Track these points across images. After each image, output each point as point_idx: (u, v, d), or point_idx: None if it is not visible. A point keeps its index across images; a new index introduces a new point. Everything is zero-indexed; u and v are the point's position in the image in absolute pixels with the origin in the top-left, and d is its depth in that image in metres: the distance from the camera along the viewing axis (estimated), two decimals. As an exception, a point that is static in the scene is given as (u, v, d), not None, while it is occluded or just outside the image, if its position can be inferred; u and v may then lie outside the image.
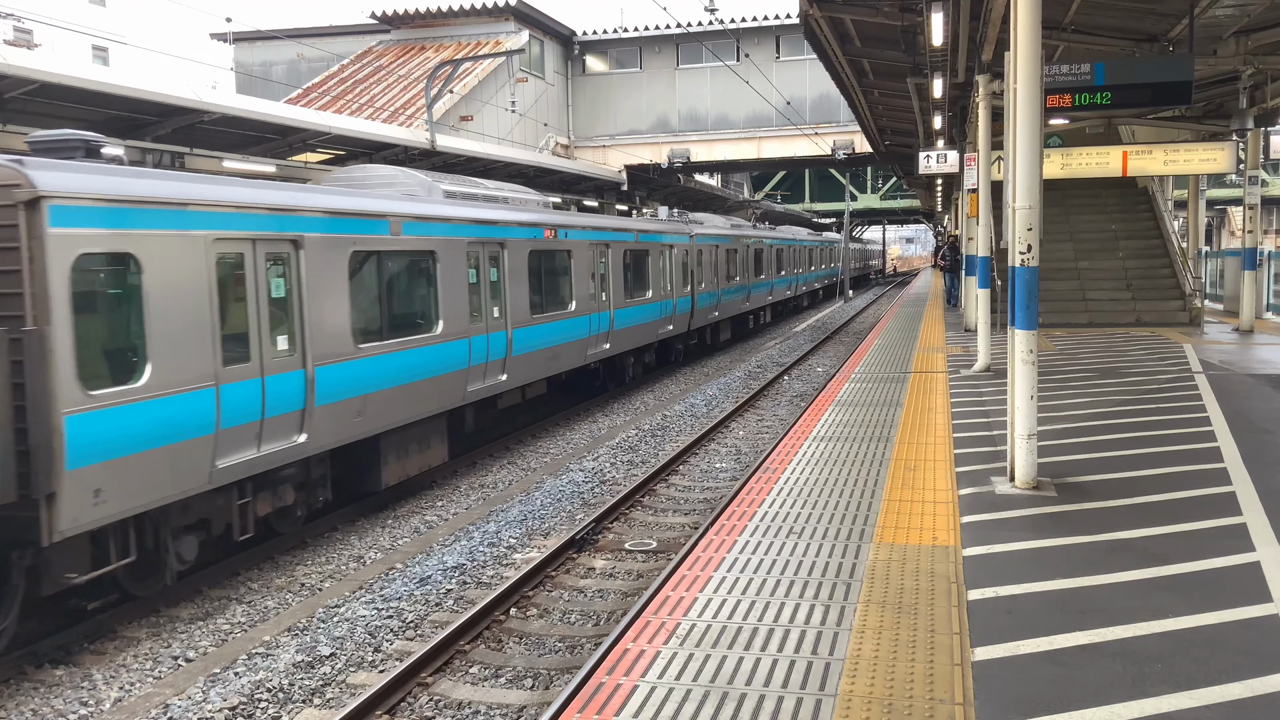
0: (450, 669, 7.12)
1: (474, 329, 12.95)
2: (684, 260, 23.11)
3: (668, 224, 23.59)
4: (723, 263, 26.64)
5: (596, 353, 17.56)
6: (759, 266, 31.73)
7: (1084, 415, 10.33)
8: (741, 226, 30.82)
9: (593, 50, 32.60)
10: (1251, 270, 18.14)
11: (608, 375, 19.32)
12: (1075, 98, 9.65)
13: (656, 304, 20.82)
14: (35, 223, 6.91)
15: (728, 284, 27.19)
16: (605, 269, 18.06)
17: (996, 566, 5.90)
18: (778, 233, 37.05)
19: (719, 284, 26.20)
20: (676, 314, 22.15)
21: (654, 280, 20.78)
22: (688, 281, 23.37)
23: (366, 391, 10.57)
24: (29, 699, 6.95)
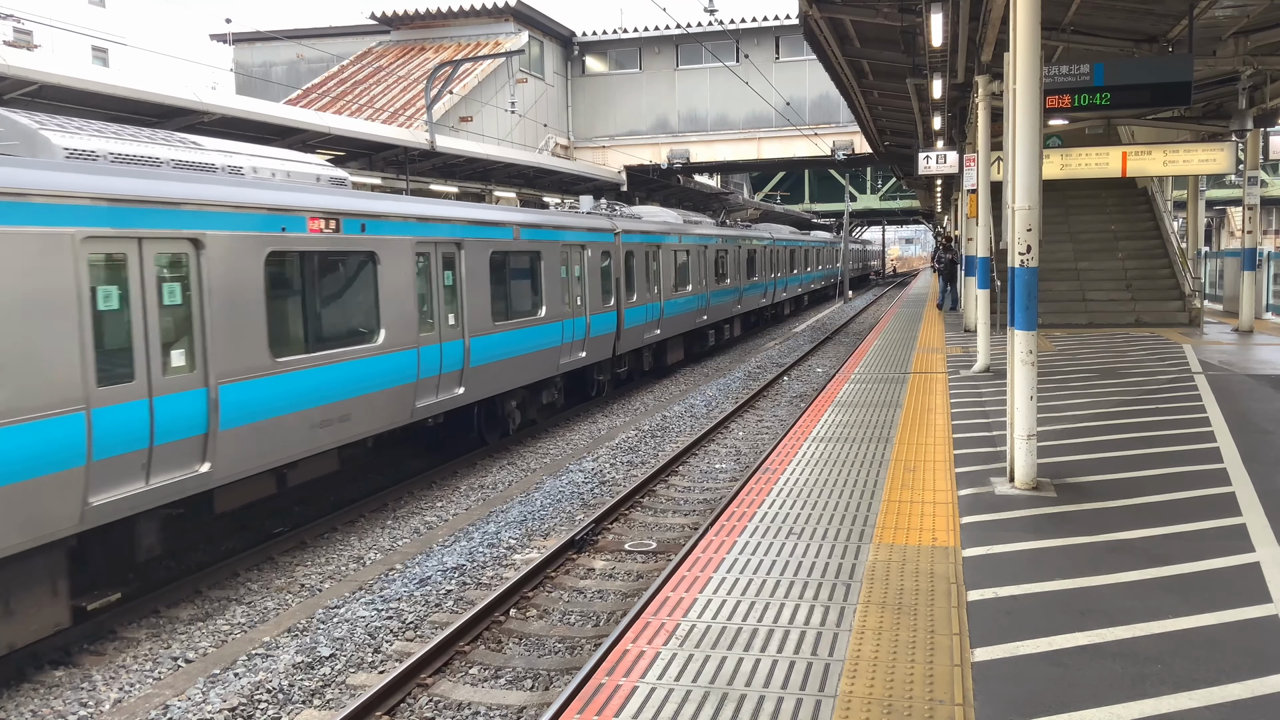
0: (450, 670, 7.12)
1: None
2: (604, 265, 18.07)
3: (577, 218, 17.63)
4: (668, 267, 21.88)
5: (431, 404, 12.02)
6: (722, 271, 27.16)
7: (1084, 416, 10.33)
8: (701, 224, 26.53)
9: (592, 51, 32.62)
10: (1251, 271, 18.15)
11: (483, 423, 14.27)
12: (1075, 98, 9.65)
13: (555, 324, 15.58)
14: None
15: (675, 294, 22.30)
16: (455, 279, 12.71)
17: (996, 567, 5.90)
18: (753, 231, 32.33)
19: (661, 294, 21.16)
20: (591, 336, 17.17)
21: (549, 293, 15.49)
22: (612, 292, 18.36)
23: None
24: (28, 700, 6.94)
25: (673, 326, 22.19)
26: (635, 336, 19.50)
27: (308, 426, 9.68)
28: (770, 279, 33.95)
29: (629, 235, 19.27)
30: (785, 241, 37.56)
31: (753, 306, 31.46)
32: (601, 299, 17.58)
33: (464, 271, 12.80)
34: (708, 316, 25.31)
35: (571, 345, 16.33)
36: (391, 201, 11.81)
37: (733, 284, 28.08)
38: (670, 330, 21.95)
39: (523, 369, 14.43)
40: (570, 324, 16.24)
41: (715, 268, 26.06)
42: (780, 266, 36.19)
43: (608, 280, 18.09)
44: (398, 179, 20.22)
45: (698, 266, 24.29)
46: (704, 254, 24.98)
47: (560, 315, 15.80)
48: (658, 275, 20.94)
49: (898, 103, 20.92)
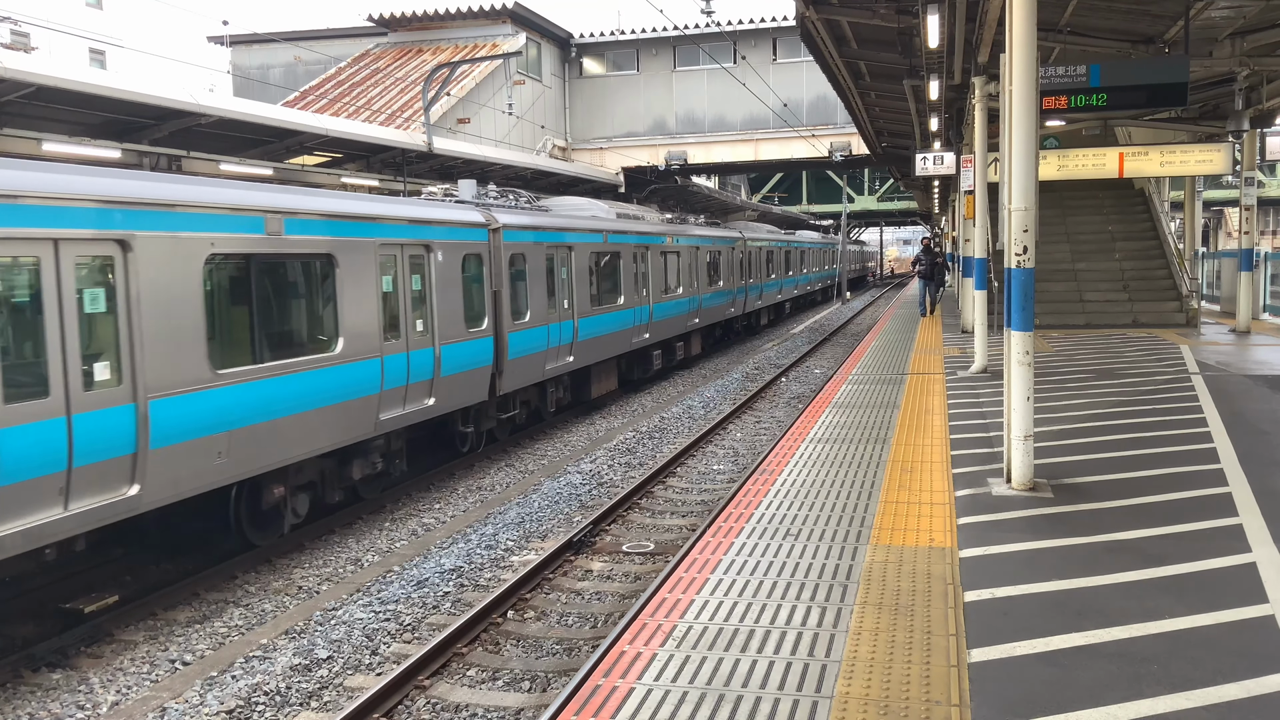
0: (448, 672, 7.11)
1: None
2: (470, 274, 13.05)
3: (411, 206, 12.39)
4: (585, 274, 16.96)
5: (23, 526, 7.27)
6: (673, 277, 22.63)
7: (1081, 416, 10.34)
8: (643, 219, 22.00)
9: (590, 53, 32.63)
10: (1248, 271, 18.17)
11: (241, 518, 9.69)
12: (1071, 99, 9.65)
13: (362, 364, 10.60)
14: None
15: (599, 308, 17.74)
16: (118, 303, 7.88)
17: (993, 568, 5.90)
18: (719, 230, 27.73)
19: (575, 310, 16.53)
20: (444, 376, 12.15)
21: (349, 317, 10.44)
22: (486, 311, 13.38)
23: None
24: (25, 703, 6.94)
25: (595, 351, 17.49)
26: (530, 368, 14.65)
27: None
28: (740, 285, 29.58)
29: (517, 232, 14.38)
30: (762, 241, 33.29)
31: (717, 319, 26.96)
32: (465, 321, 12.60)
33: (133, 291, 7.87)
34: (650, 335, 20.53)
35: (402, 392, 11.24)
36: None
37: (688, 293, 23.57)
38: (591, 356, 17.30)
39: (296, 435, 9.56)
40: (398, 361, 11.16)
41: (663, 273, 21.81)
42: (755, 270, 31.90)
43: (477, 294, 13.12)
44: (395, 181, 20.13)
45: (636, 272, 19.84)
46: (645, 256, 20.54)
47: (369, 351, 10.65)
48: (569, 285, 16.29)
49: (895, 104, 20.92)
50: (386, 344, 11.09)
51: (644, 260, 20.52)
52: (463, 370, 12.67)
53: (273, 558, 9.91)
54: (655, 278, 21.14)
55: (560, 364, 15.95)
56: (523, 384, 14.59)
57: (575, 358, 16.53)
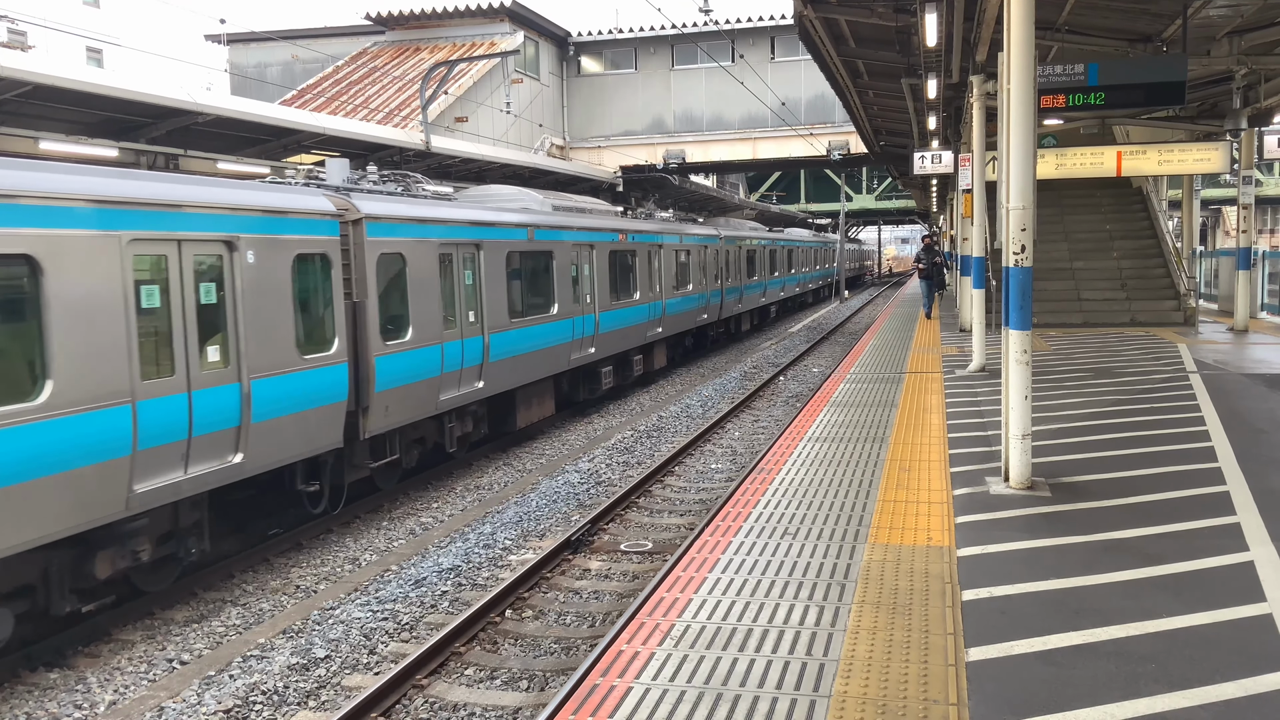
0: (445, 671, 7.11)
1: None
2: (311, 282, 10.12)
3: (209, 188, 8.98)
4: (497, 278, 13.72)
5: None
6: (626, 280, 19.63)
7: (1079, 415, 10.35)
8: (590, 213, 18.79)
9: (588, 51, 32.62)
10: (1245, 270, 18.18)
11: None
12: (1069, 98, 9.67)
13: (91, 416, 7.40)
14: None
15: (522, 320, 14.54)
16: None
17: (991, 567, 5.90)
18: (689, 226, 24.81)
19: (486, 323, 13.39)
20: (257, 422, 9.11)
21: (71, 352, 7.25)
22: (335, 332, 10.33)
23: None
24: (23, 702, 6.93)
25: (519, 372, 14.41)
26: (415, 400, 11.59)
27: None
28: (715, 288, 26.73)
29: (392, 226, 11.28)
30: (744, 240, 30.65)
31: (686, 327, 24.12)
32: (298, 344, 9.59)
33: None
34: (597, 349, 17.69)
35: (180, 449, 8.19)
36: None
37: (648, 298, 20.69)
38: (513, 378, 14.24)
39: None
40: (171, 407, 8.10)
41: (615, 276, 18.93)
42: (735, 272, 29.13)
43: (322, 307, 10.12)
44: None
45: (576, 274, 16.96)
46: (589, 256, 17.54)
47: (111, 394, 7.51)
48: (478, 292, 13.26)
49: (893, 103, 20.93)
50: (148, 384, 7.85)
51: (588, 261, 17.52)
52: (293, 411, 9.42)
53: (270, 557, 9.91)
54: (602, 281, 18.01)
55: (466, 391, 12.83)
56: (405, 420, 11.45)
57: (488, 382, 13.40)
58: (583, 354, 17.18)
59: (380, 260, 11.08)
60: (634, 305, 19.80)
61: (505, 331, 13.94)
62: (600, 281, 17.92)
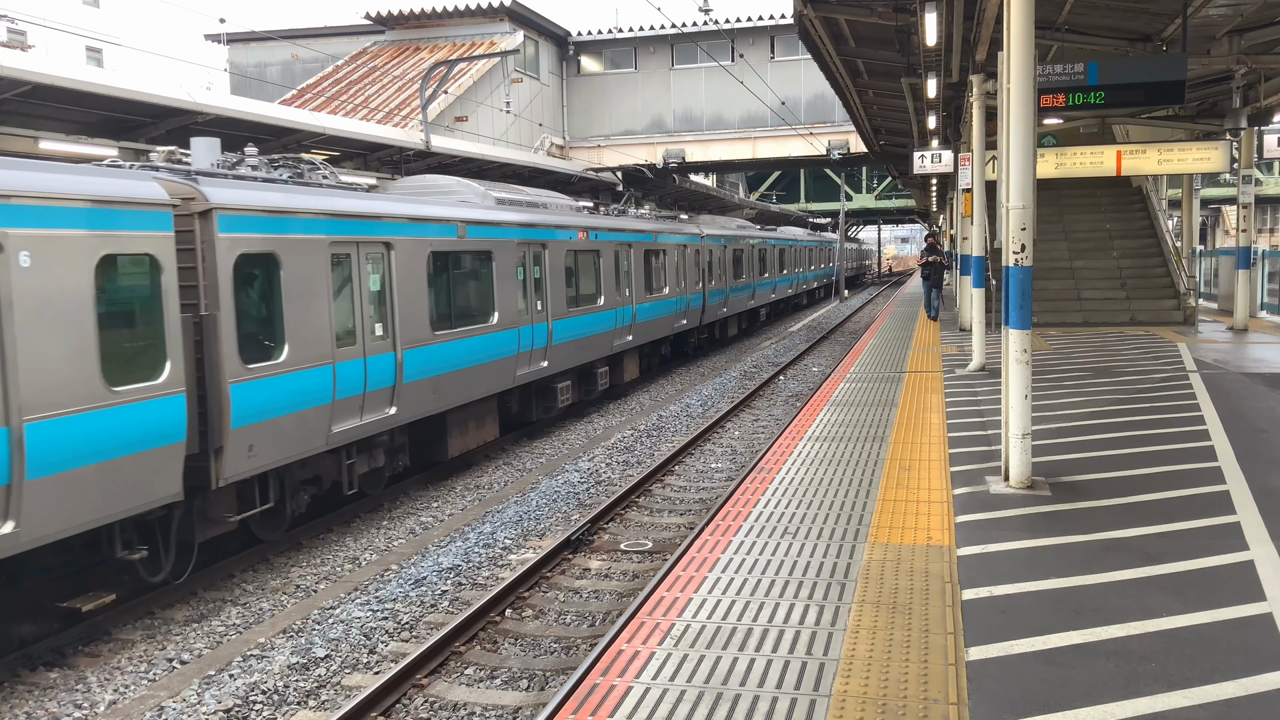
0: (445, 670, 7.11)
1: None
2: (134, 293, 8.08)
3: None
4: (411, 285, 11.62)
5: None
6: (585, 283, 17.35)
7: (1078, 414, 10.35)
8: (545, 208, 16.48)
9: (587, 51, 32.61)
10: (1245, 269, 18.18)
11: None
12: (1069, 97, 9.67)
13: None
14: None
15: (448, 332, 12.40)
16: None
17: (991, 566, 5.90)
18: (656, 223, 22.31)
19: (398, 338, 11.27)
20: (32, 480, 6.93)
21: None
22: (165, 356, 8.12)
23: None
24: (23, 702, 6.93)
25: (446, 393, 12.29)
26: (294, 434, 9.53)
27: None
28: (696, 291, 24.88)
29: (258, 220, 9.19)
30: (730, 239, 28.71)
31: (660, 334, 22.01)
32: (114, 373, 7.62)
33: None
34: (551, 362, 15.58)
35: None
36: None
37: (615, 303, 18.64)
38: (437, 400, 12.10)
39: None
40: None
41: (573, 278, 16.83)
42: (719, 273, 27.34)
43: (147, 323, 8.06)
44: (392, 180, 20.01)
45: (525, 278, 14.77)
46: (541, 256, 15.37)
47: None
48: (388, 300, 11.20)
49: (893, 102, 20.93)
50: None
51: (539, 262, 15.35)
52: (97, 460, 7.39)
53: (270, 556, 9.91)
54: (557, 285, 15.90)
55: (373, 419, 10.77)
56: (281, 460, 9.40)
57: (404, 407, 11.30)
58: (533, 369, 15.01)
59: (241, 262, 8.93)
60: (597, 311, 17.70)
61: (427, 346, 11.82)
62: (554, 285, 15.78)
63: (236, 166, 10.18)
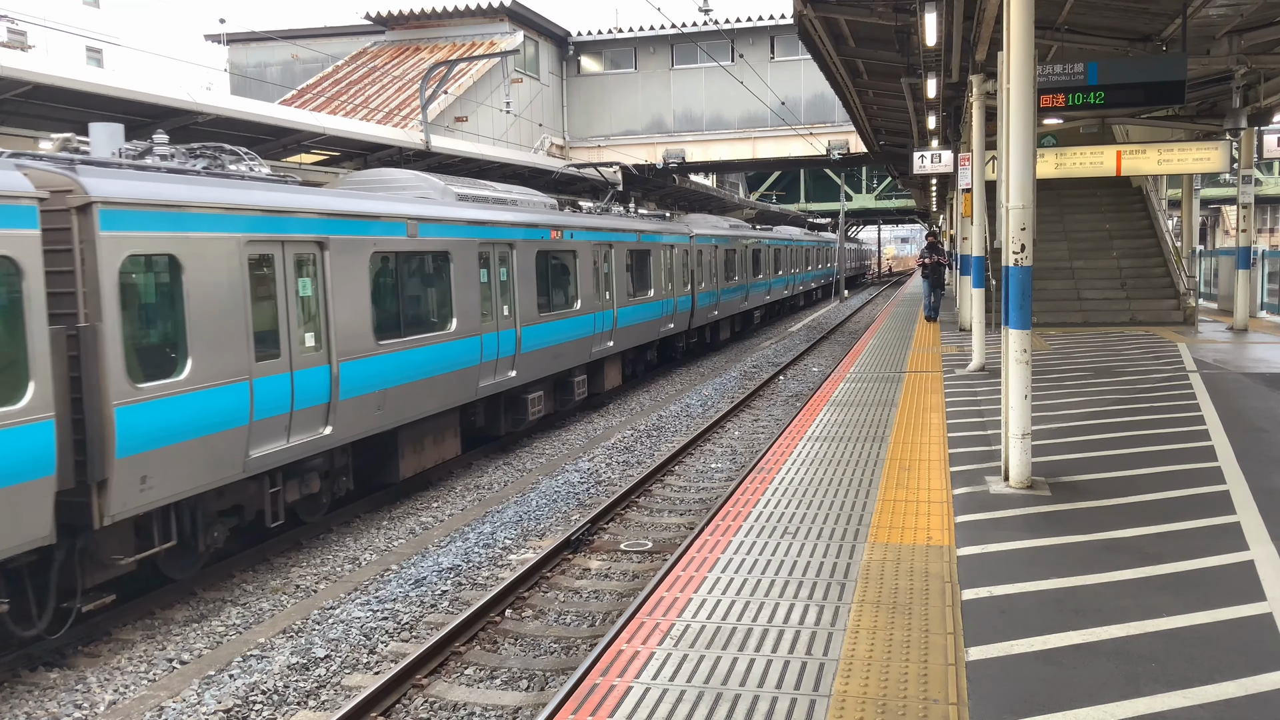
0: (445, 670, 7.11)
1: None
2: None
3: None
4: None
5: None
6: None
7: (1078, 414, 10.35)
8: (497, 205, 14.64)
9: (587, 51, 32.63)
10: (1245, 269, 18.18)
11: None
12: (1069, 97, 9.67)
13: None
14: None
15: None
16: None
17: (991, 566, 5.90)
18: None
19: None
20: None
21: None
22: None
23: None
24: (23, 702, 6.93)
25: (388, 409, 10.93)
26: (209, 460, 8.44)
27: None
28: (683, 294, 23.38)
29: (150, 215, 7.95)
30: (722, 239, 27.26)
31: (644, 339, 20.76)
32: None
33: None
34: (520, 371, 14.24)
35: None
36: None
37: (593, 307, 17.29)
38: (384, 417, 10.87)
39: None
40: None
41: (545, 281, 15.39)
42: (710, 274, 25.91)
43: (5, 342, 6.90)
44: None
45: (490, 280, 13.52)
46: (509, 257, 14.07)
47: None
48: (321, 306, 9.91)
49: (893, 102, 20.94)
50: None
51: (506, 263, 14.00)
52: None
53: (270, 556, 9.91)
54: (526, 288, 14.57)
55: (302, 441, 9.53)
56: (185, 491, 8.23)
57: (341, 425, 10.05)
58: (499, 379, 13.73)
59: (129, 264, 7.77)
60: (574, 316, 16.41)
61: (370, 358, 10.63)
62: (524, 288, 14.48)
63: (144, 156, 9.05)
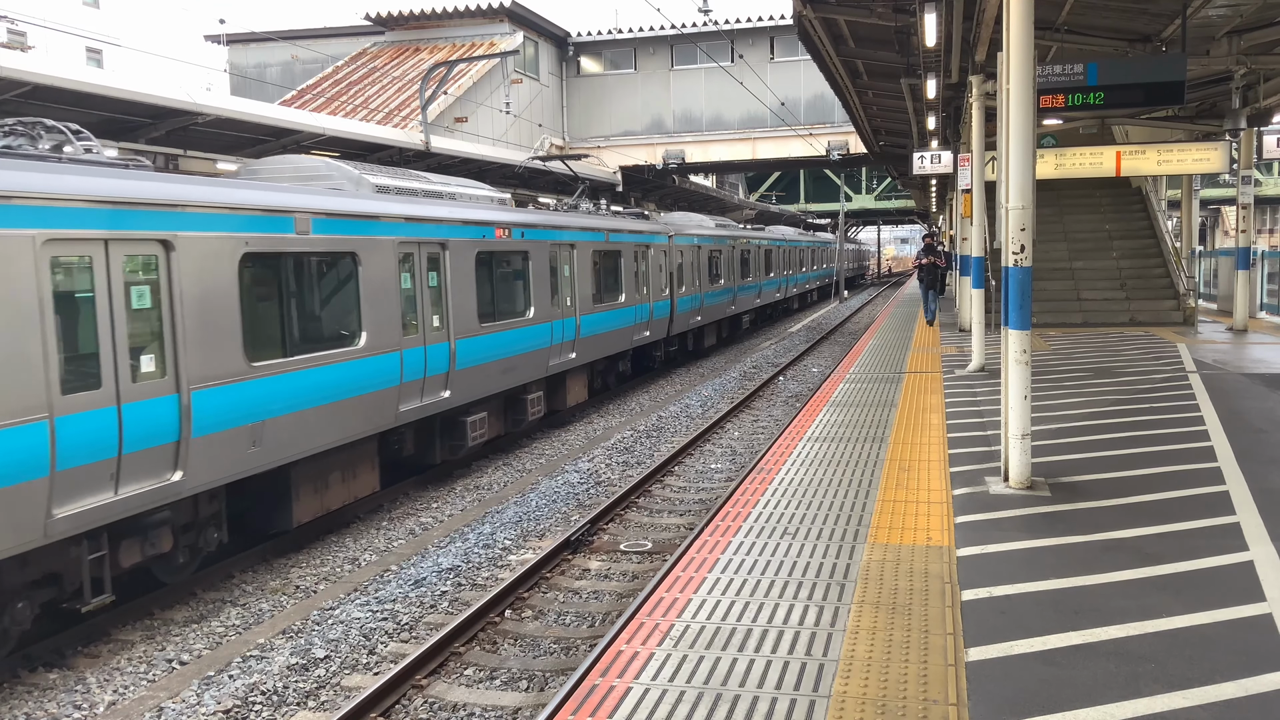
0: (445, 671, 7.11)
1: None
2: None
3: None
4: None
5: None
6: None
7: (1078, 415, 10.35)
8: (396, 194, 11.94)
9: (587, 51, 32.63)
10: (1245, 270, 18.19)
11: None
12: (1068, 98, 9.67)
13: None
14: None
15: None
16: None
17: (990, 567, 5.90)
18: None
19: (183, 378, 8.05)
20: None
21: None
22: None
23: None
24: (23, 702, 6.93)
25: (268, 445, 9.09)
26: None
27: None
28: (661, 299, 21.41)
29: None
30: (705, 239, 25.08)
31: (615, 348, 18.69)
32: None
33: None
34: (454, 391, 12.29)
35: None
36: None
37: (544, 315, 15.10)
38: (256, 456, 8.98)
39: None
40: None
41: (484, 287, 13.25)
42: (693, 278, 23.95)
43: None
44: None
45: (401, 287, 11.31)
46: (441, 260, 12.09)
47: None
48: (163, 322, 8.05)
49: (892, 103, 20.94)
50: None
51: (438, 265, 11.96)
52: None
53: (270, 557, 9.91)
54: (463, 294, 12.44)
55: (136, 491, 7.65)
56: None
57: (196, 469, 8.23)
58: (427, 401, 11.67)
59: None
60: (526, 325, 14.43)
61: (239, 382, 8.67)
62: (459, 295, 12.36)
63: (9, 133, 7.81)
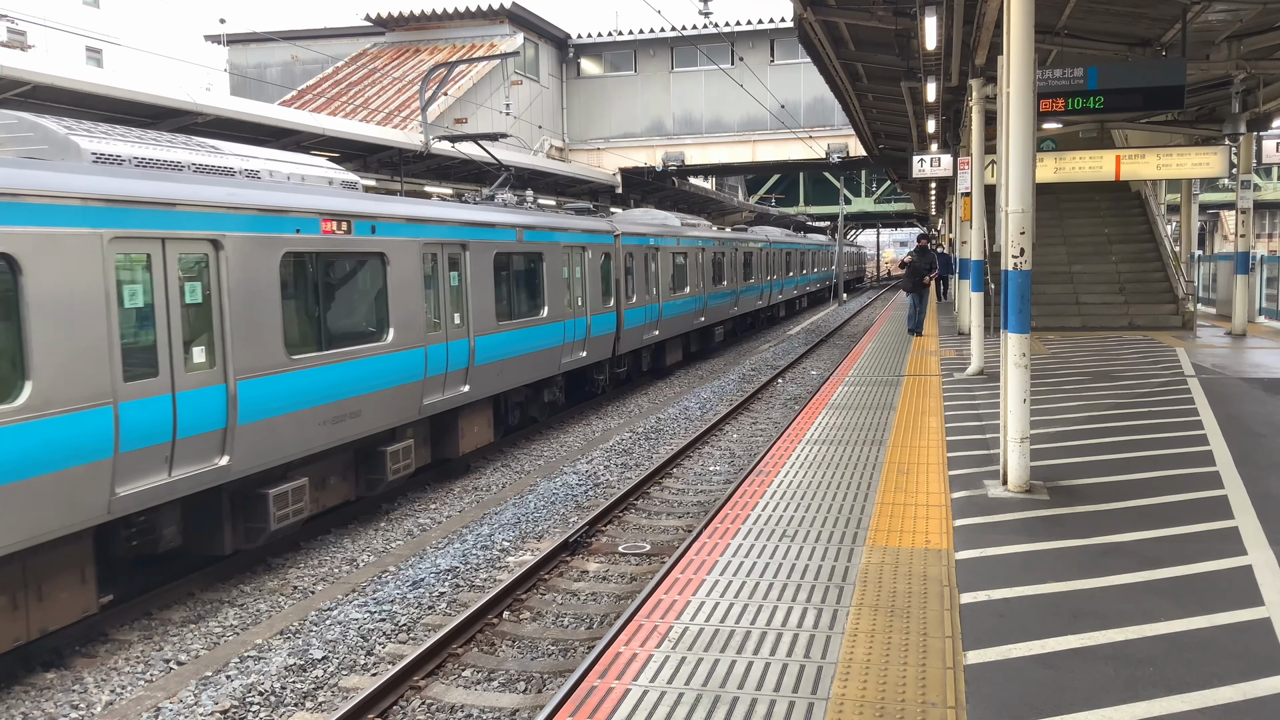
0: (443, 672, 7.10)
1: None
2: None
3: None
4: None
5: None
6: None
7: (1077, 419, 10.35)
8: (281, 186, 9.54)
9: (587, 53, 32.64)
10: (1244, 274, 18.20)
11: None
12: (1068, 102, 9.67)
13: None
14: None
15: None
16: None
17: (989, 570, 5.90)
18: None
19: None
20: None
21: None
22: None
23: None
24: (20, 702, 6.92)
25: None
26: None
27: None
28: (603, 312, 18.17)
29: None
30: (656, 238, 21.52)
31: (534, 375, 15.12)
32: None
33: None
34: (233, 458, 8.53)
35: None
36: None
37: (413, 339, 11.32)
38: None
39: None
40: None
41: (306, 300, 9.77)
42: (645, 286, 20.69)
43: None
44: (393, 180, 20.06)
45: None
46: (216, 264, 8.45)
47: None
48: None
49: (892, 106, 20.95)
50: None
51: (203, 272, 8.36)
52: None
53: (268, 558, 9.90)
54: (247, 315, 8.76)
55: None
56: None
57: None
58: (190, 470, 8.10)
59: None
60: (379, 354, 10.68)
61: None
62: (243, 315, 8.71)
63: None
